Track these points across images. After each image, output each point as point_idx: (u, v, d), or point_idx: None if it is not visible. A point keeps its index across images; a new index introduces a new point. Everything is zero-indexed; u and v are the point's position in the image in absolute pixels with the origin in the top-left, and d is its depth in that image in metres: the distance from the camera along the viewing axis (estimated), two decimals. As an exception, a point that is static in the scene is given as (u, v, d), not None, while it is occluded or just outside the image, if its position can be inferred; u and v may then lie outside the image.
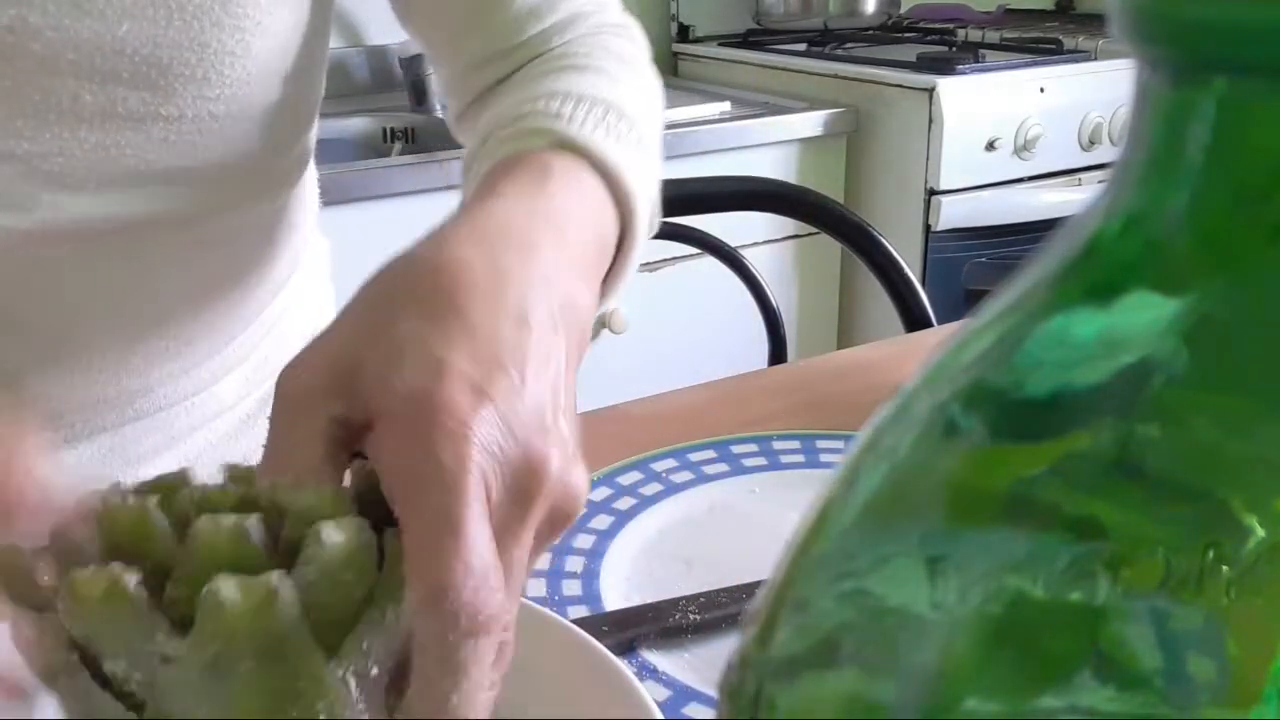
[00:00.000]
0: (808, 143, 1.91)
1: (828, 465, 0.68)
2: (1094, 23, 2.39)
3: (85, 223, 0.54)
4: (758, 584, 0.22)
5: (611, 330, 1.77)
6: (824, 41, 2.23)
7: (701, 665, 0.52)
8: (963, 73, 1.88)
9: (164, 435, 0.65)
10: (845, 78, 1.98)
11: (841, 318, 2.06)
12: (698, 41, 2.33)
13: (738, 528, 0.63)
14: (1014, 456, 0.19)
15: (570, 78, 0.55)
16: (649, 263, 1.72)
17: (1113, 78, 1.95)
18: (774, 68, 2.12)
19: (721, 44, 2.30)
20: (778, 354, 1.18)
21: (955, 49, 2.13)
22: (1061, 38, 2.16)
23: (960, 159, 1.87)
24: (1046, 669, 0.18)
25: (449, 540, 0.32)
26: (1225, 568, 0.17)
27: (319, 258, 0.78)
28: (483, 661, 0.32)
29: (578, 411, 0.40)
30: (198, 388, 0.66)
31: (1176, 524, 0.18)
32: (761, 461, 0.68)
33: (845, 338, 2.05)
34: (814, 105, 1.93)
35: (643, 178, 0.52)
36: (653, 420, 0.74)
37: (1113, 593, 0.17)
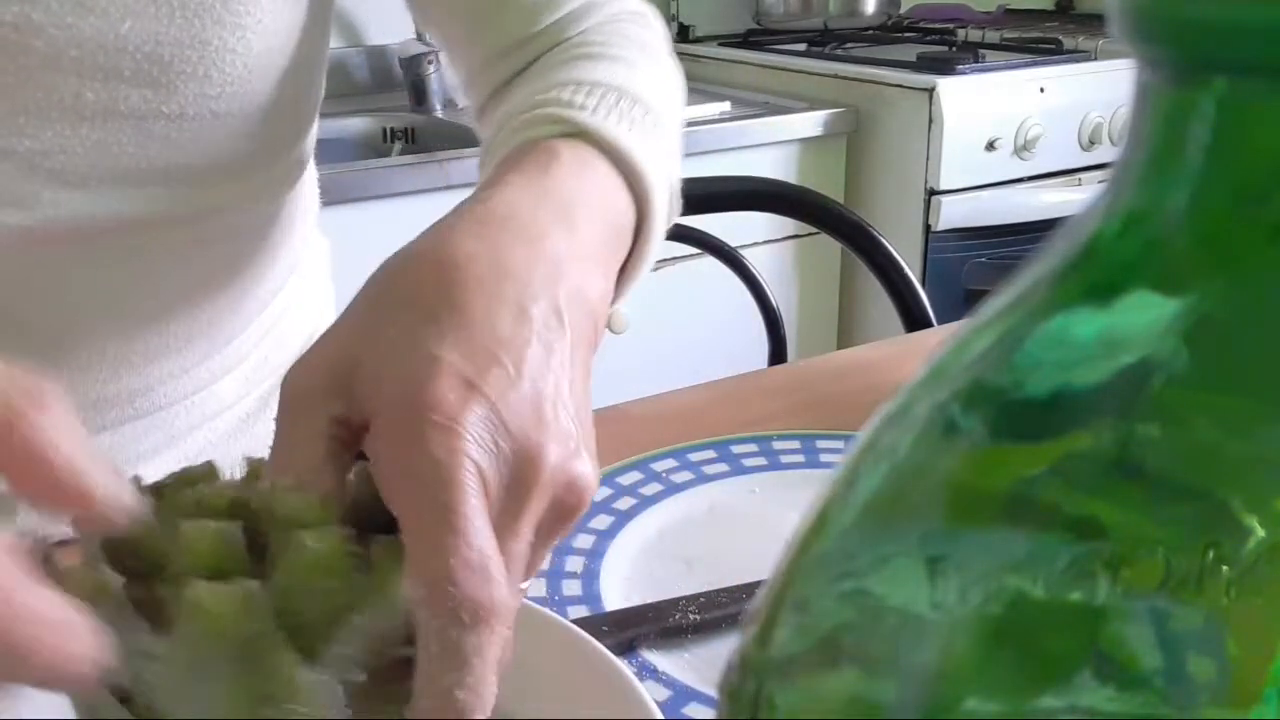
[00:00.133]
0: (808, 143, 1.91)
1: (828, 465, 0.68)
2: (1094, 23, 2.39)
3: (86, 220, 0.54)
4: (758, 584, 0.22)
5: (612, 330, 1.77)
6: (824, 41, 2.23)
7: (701, 665, 0.52)
8: (963, 73, 1.88)
9: (164, 434, 0.65)
10: (845, 78, 1.98)
11: (841, 318, 2.06)
12: (698, 41, 2.34)
13: (738, 528, 0.63)
14: (1014, 456, 0.19)
15: (586, 66, 0.55)
16: (649, 263, 1.71)
17: (1113, 78, 1.95)
18: (774, 68, 2.12)
19: (721, 44, 2.30)
20: (778, 354, 1.18)
21: (955, 49, 2.13)
22: (1061, 38, 2.16)
23: (960, 159, 1.87)
24: (1046, 669, 0.18)
25: (447, 534, 0.31)
26: (1225, 568, 0.17)
27: (319, 257, 0.78)
28: (486, 655, 0.32)
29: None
30: (197, 386, 0.66)
31: (1176, 524, 0.18)
32: (761, 461, 0.68)
33: (845, 338, 2.05)
34: (814, 105, 1.93)
35: (659, 164, 0.51)
36: (653, 420, 0.74)
37: (1113, 593, 0.17)
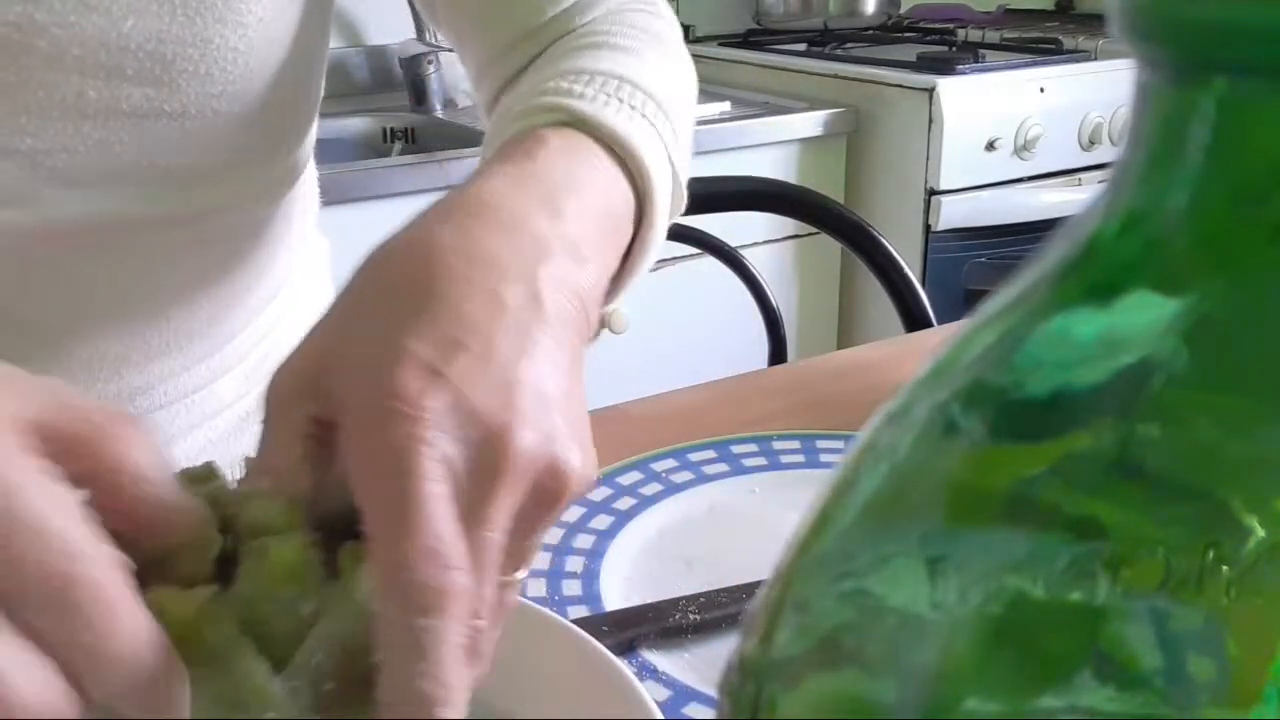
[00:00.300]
0: (808, 143, 1.91)
1: (828, 465, 0.68)
2: (1094, 23, 2.39)
3: (87, 219, 0.54)
4: (758, 584, 0.22)
5: (612, 330, 1.76)
6: (824, 41, 2.22)
7: (701, 665, 0.52)
8: (963, 73, 1.88)
9: (163, 433, 0.65)
10: (845, 78, 1.98)
11: (841, 318, 2.06)
12: (698, 41, 2.33)
13: (738, 528, 0.63)
14: (1014, 456, 0.19)
15: (590, 55, 0.54)
16: (649, 262, 1.71)
17: (1113, 78, 1.95)
18: (774, 68, 2.12)
19: (721, 44, 2.30)
20: (778, 354, 1.18)
21: (955, 49, 2.13)
22: (1061, 38, 2.16)
23: (960, 159, 1.87)
24: (1046, 669, 0.18)
25: (401, 520, 0.31)
26: (1225, 568, 0.17)
27: (318, 257, 0.78)
28: (447, 644, 0.31)
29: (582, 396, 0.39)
30: (197, 385, 0.66)
31: (1176, 524, 0.18)
32: (761, 461, 0.68)
33: (845, 338, 2.05)
34: (814, 105, 1.93)
35: (658, 151, 0.50)
36: (653, 420, 0.74)
37: (1113, 593, 0.17)
